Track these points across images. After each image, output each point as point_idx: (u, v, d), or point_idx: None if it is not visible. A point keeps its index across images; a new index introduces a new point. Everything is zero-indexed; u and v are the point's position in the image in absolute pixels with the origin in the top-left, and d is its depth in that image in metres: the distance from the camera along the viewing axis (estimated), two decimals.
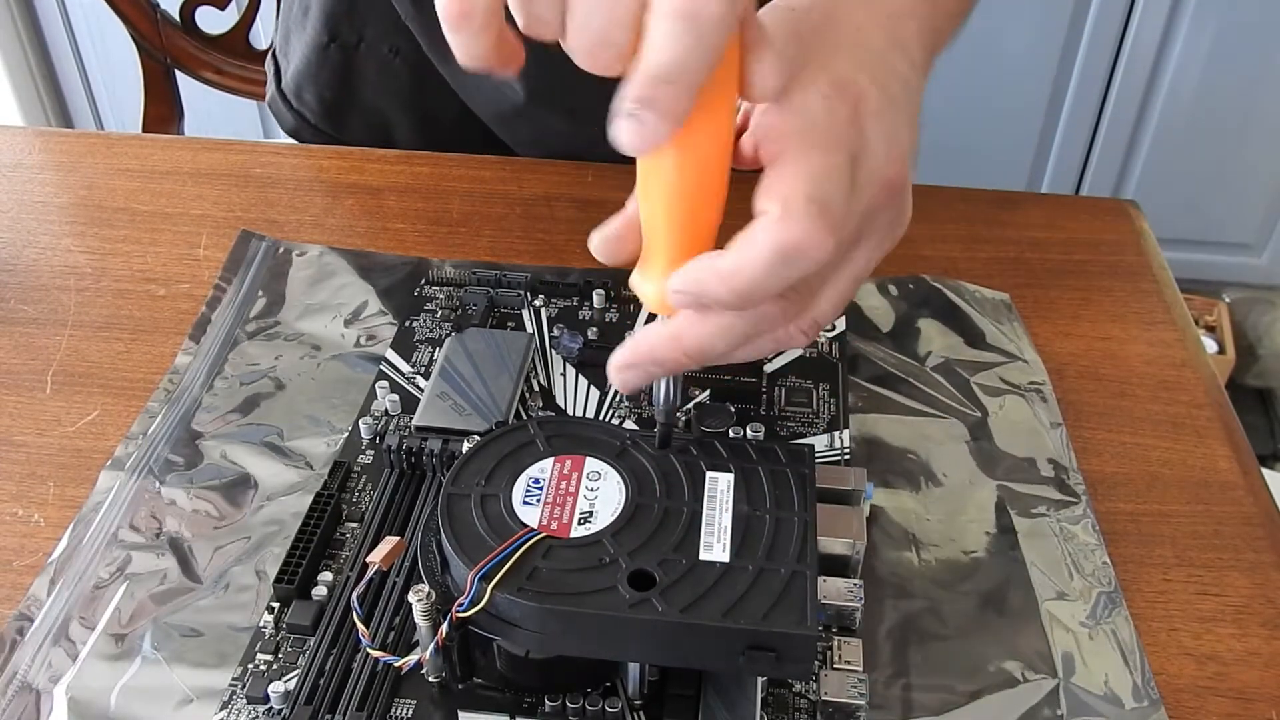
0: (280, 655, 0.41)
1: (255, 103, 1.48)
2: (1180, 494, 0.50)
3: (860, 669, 0.41)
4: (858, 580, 0.43)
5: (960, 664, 0.42)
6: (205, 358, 0.55)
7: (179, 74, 1.01)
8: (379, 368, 0.54)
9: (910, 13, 0.42)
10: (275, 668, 0.41)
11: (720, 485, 0.40)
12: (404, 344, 0.55)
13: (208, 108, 1.08)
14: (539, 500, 0.39)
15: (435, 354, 0.54)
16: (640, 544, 0.38)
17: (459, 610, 0.37)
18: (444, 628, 0.37)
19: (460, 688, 0.40)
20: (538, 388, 0.53)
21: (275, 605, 0.43)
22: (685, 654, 0.37)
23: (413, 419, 0.50)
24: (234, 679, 0.41)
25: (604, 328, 0.56)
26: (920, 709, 0.41)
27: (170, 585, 0.44)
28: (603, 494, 0.40)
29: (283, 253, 0.61)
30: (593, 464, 0.41)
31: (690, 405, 0.51)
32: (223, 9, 0.98)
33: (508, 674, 0.40)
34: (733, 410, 0.50)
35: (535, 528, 0.38)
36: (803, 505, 0.40)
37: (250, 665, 0.41)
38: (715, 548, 0.38)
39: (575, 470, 0.41)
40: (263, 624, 0.43)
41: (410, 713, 0.39)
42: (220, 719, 0.40)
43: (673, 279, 0.36)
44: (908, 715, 0.41)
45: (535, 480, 0.40)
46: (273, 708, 0.40)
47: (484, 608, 0.37)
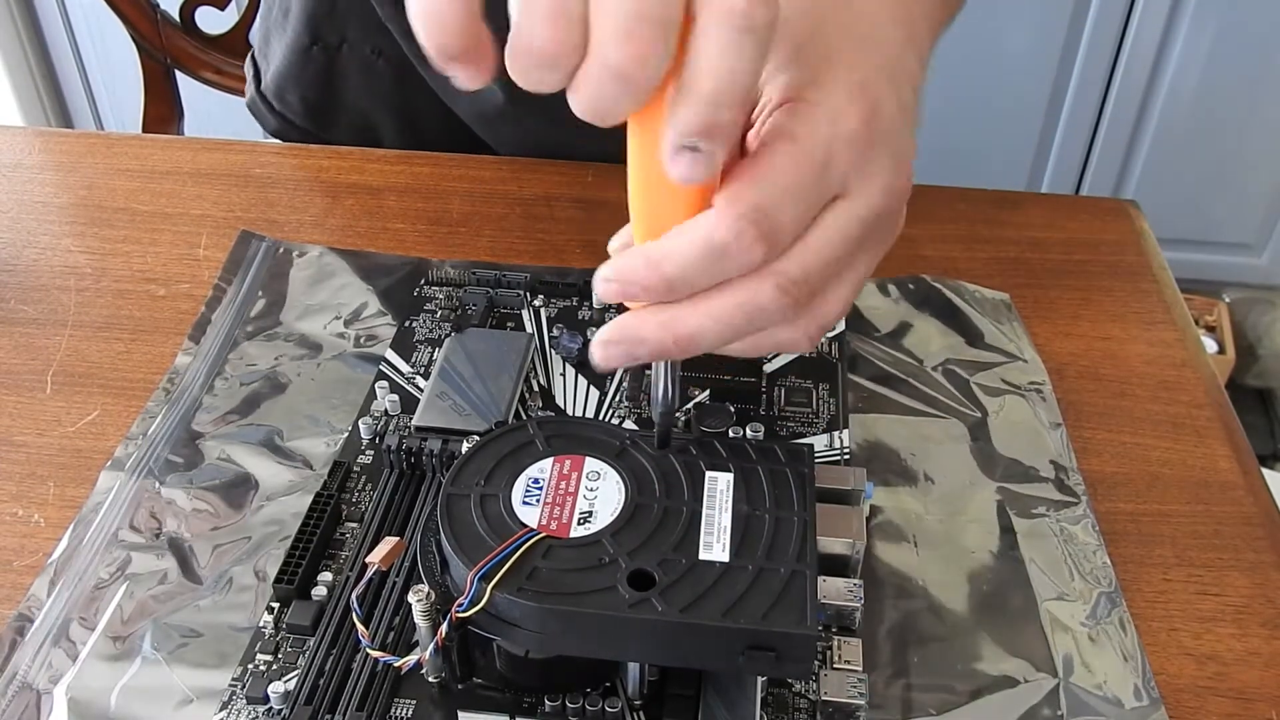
0: (280, 655, 0.41)
1: None
2: (1180, 494, 0.50)
3: (860, 669, 0.41)
4: (858, 580, 0.43)
5: (960, 664, 0.42)
6: (205, 358, 0.55)
7: (179, 74, 1.01)
8: (379, 368, 0.54)
9: (923, 11, 0.41)
10: (275, 668, 0.41)
11: (720, 485, 0.40)
12: (404, 344, 0.55)
13: (208, 108, 1.08)
14: (539, 500, 0.39)
15: (435, 354, 0.54)
16: (640, 544, 0.38)
17: (459, 610, 0.37)
18: (444, 628, 0.37)
19: (460, 688, 0.40)
20: (537, 388, 0.53)
21: (275, 605, 0.43)
22: (685, 654, 0.37)
23: (412, 419, 0.50)
24: (234, 679, 0.41)
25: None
26: (920, 709, 0.41)
27: (170, 585, 0.44)
28: (602, 494, 0.40)
29: (283, 253, 0.61)
30: (592, 464, 0.41)
31: (690, 405, 0.51)
32: (223, 9, 0.98)
33: (507, 674, 0.40)
34: (732, 410, 0.50)
35: (535, 528, 0.38)
36: (802, 505, 0.40)
37: (250, 665, 0.41)
38: (715, 547, 0.38)
39: (575, 470, 0.41)
40: (263, 624, 0.43)
41: (410, 713, 0.39)
42: (220, 719, 0.40)
43: (602, 268, 0.35)
44: (908, 715, 0.41)
45: (535, 480, 0.40)
46: (273, 708, 0.40)
47: (484, 608, 0.37)
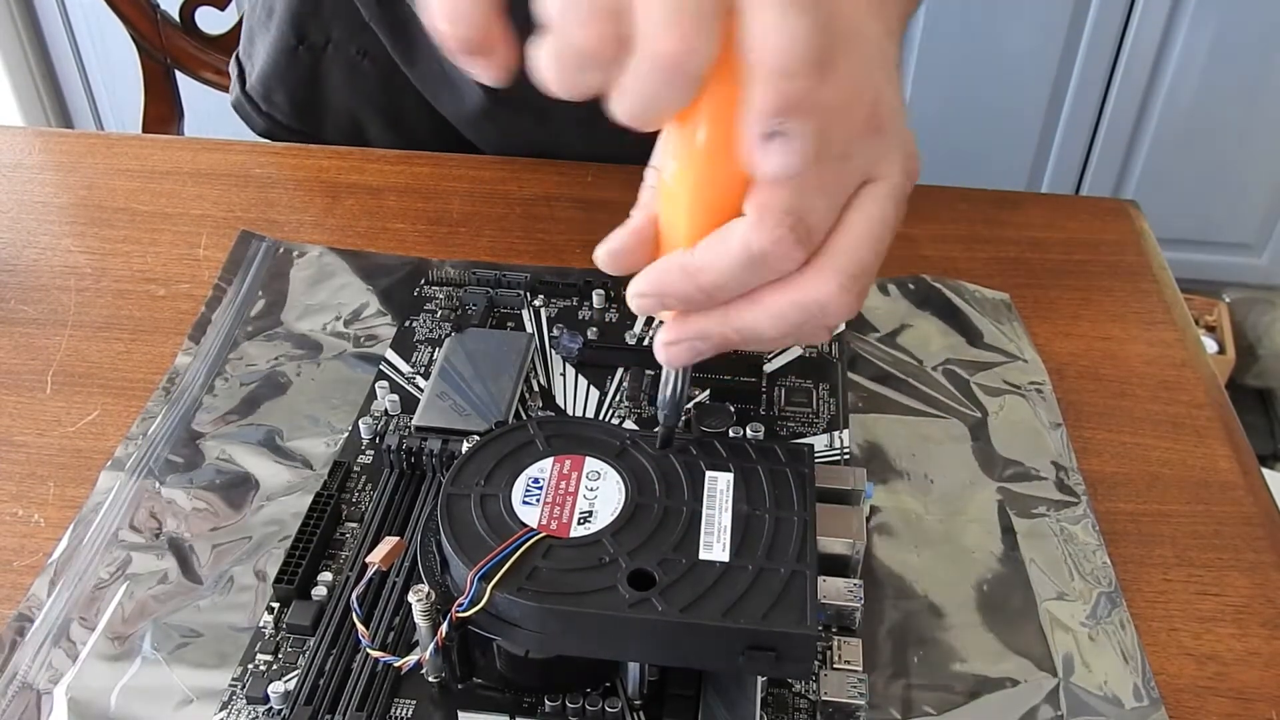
0: (280, 655, 0.41)
1: None
2: (1180, 494, 0.50)
3: (860, 669, 0.41)
4: (857, 580, 0.43)
5: (960, 664, 0.42)
6: (205, 358, 0.55)
7: (179, 74, 1.01)
8: (379, 368, 0.54)
9: (894, 2, 0.41)
10: (275, 668, 0.41)
11: (720, 485, 0.40)
12: (404, 344, 0.55)
13: (208, 108, 1.08)
14: (539, 500, 0.39)
15: (435, 354, 0.54)
16: (640, 544, 0.38)
17: (459, 610, 0.37)
18: (444, 628, 0.37)
19: (460, 688, 0.40)
20: (537, 388, 0.53)
21: (275, 605, 0.43)
22: (685, 654, 0.37)
23: (413, 419, 0.50)
24: (234, 679, 0.41)
25: (604, 328, 0.56)
26: (920, 709, 0.41)
27: (170, 585, 0.44)
28: (602, 494, 0.40)
29: (283, 253, 0.61)
30: (592, 464, 0.41)
31: (690, 405, 0.51)
32: (223, 9, 0.98)
33: (508, 674, 0.40)
34: (733, 410, 0.50)
35: (535, 527, 0.38)
36: (802, 505, 0.40)
37: (250, 665, 0.41)
38: (715, 547, 0.38)
39: (575, 470, 0.41)
40: (263, 624, 0.43)
41: (410, 713, 0.39)
42: (220, 719, 0.40)
43: (634, 282, 0.35)
44: (908, 715, 0.41)
45: (535, 480, 0.40)
46: (273, 708, 0.40)
47: (484, 608, 0.37)
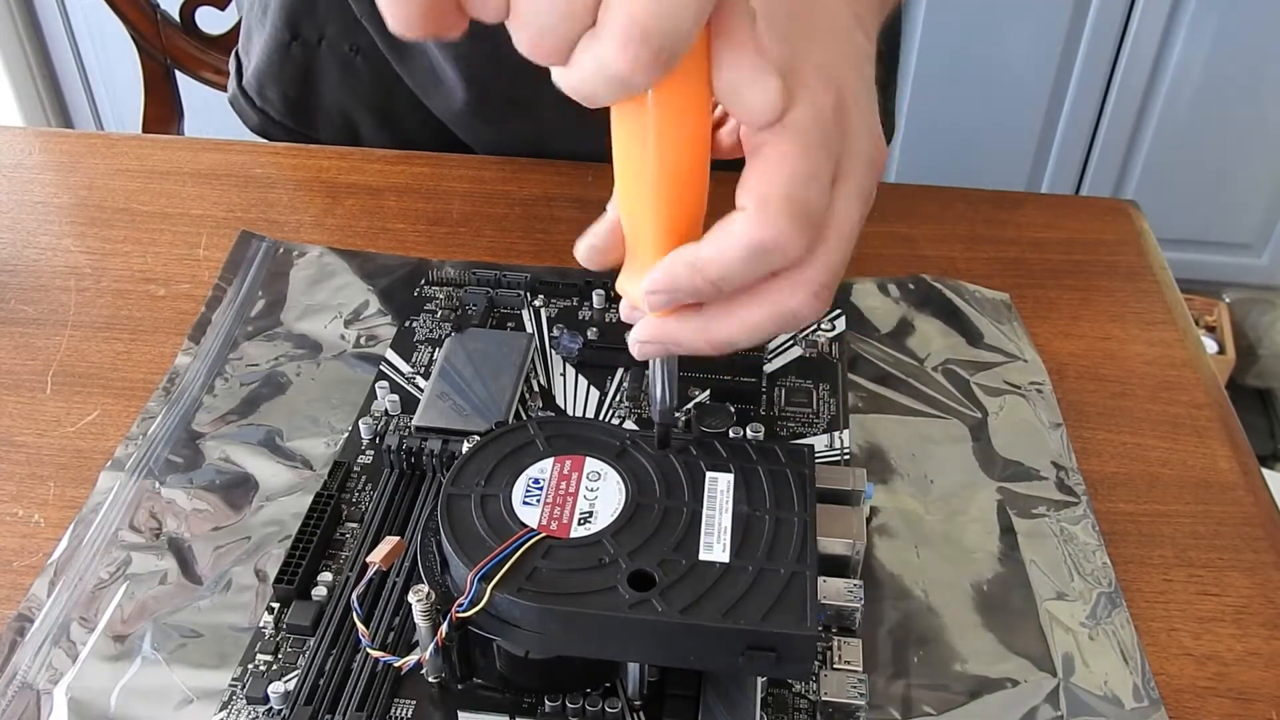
0: (280, 655, 0.41)
1: None
2: (1180, 494, 0.50)
3: (860, 669, 0.41)
4: (858, 580, 0.43)
5: (960, 664, 0.42)
6: (205, 358, 0.55)
7: (179, 74, 1.01)
8: (379, 368, 0.54)
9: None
10: (275, 668, 0.41)
11: (720, 485, 0.40)
12: (404, 344, 0.55)
13: (208, 108, 1.08)
14: (539, 500, 0.39)
15: (435, 354, 0.54)
16: (640, 544, 0.38)
17: (459, 610, 0.37)
18: (444, 628, 0.37)
19: (460, 688, 0.40)
20: (538, 388, 0.53)
21: (275, 605, 0.43)
22: (685, 654, 0.37)
23: (413, 419, 0.50)
24: (234, 679, 0.41)
25: (604, 328, 0.56)
26: (920, 709, 0.41)
27: (170, 585, 0.44)
28: (602, 494, 0.40)
29: (283, 253, 0.61)
30: (592, 464, 0.41)
31: (690, 405, 0.51)
32: (223, 9, 0.98)
33: (507, 674, 0.40)
34: (733, 410, 0.50)
35: (535, 528, 0.38)
36: (802, 505, 0.40)
37: (250, 666, 0.41)
38: (715, 548, 0.38)
39: (575, 470, 0.41)
40: (263, 624, 0.43)
41: (410, 713, 0.39)
42: (220, 719, 0.40)
43: (645, 281, 0.36)
44: (908, 715, 0.41)
45: (535, 480, 0.40)
46: (273, 708, 0.40)
47: (484, 608, 0.37)
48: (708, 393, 0.52)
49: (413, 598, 0.38)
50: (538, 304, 0.58)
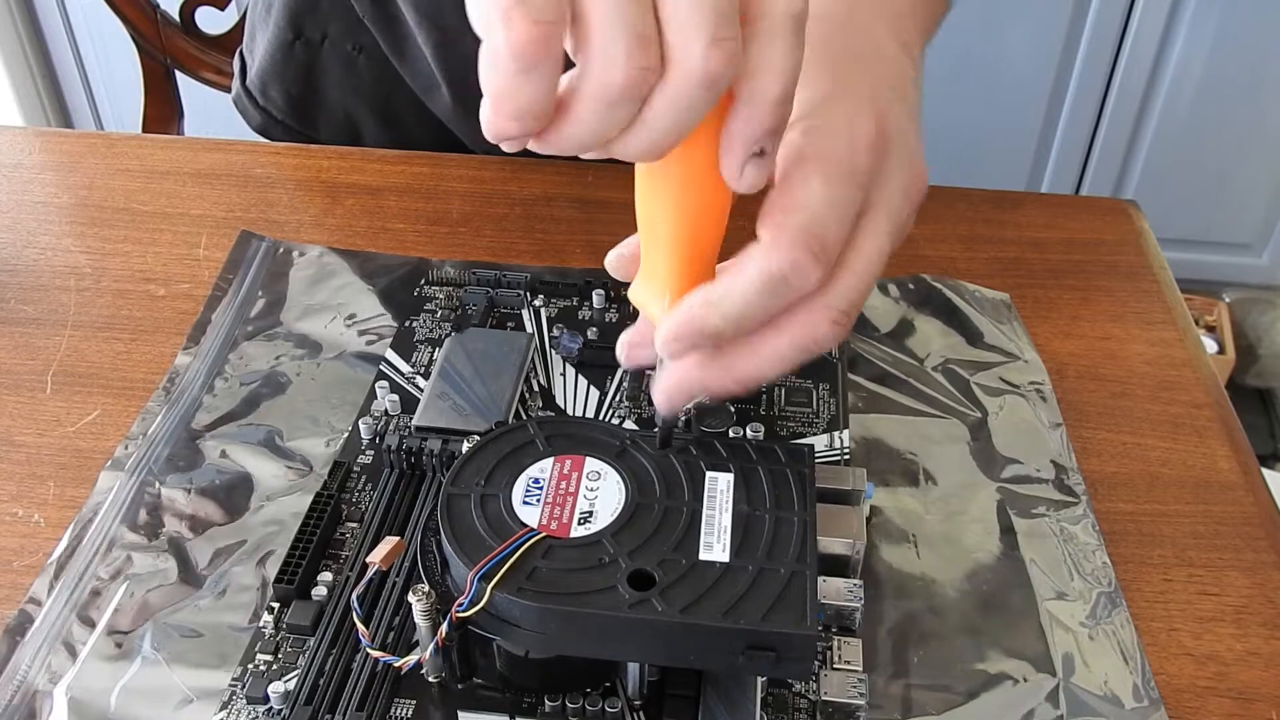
0: (280, 655, 0.41)
1: None
2: (1180, 494, 0.50)
3: (860, 669, 0.41)
4: (858, 580, 0.43)
5: (960, 664, 0.42)
6: (205, 358, 0.55)
7: (179, 74, 1.01)
8: (379, 368, 0.54)
9: (910, 12, 0.42)
10: (275, 668, 0.41)
11: (720, 485, 0.40)
12: (404, 344, 0.55)
13: (208, 108, 1.08)
14: (539, 500, 0.39)
15: (435, 354, 0.54)
16: (640, 544, 0.38)
17: (459, 610, 0.37)
18: (444, 628, 0.37)
19: (460, 688, 0.40)
20: (538, 388, 0.53)
21: (275, 605, 0.43)
22: (685, 654, 0.37)
23: (413, 419, 0.50)
24: (234, 679, 0.41)
25: (604, 328, 0.56)
26: (920, 709, 0.41)
27: (170, 585, 0.44)
28: (602, 494, 0.40)
29: (283, 253, 0.61)
30: (592, 464, 0.41)
31: (690, 405, 0.51)
32: (223, 9, 0.98)
33: (508, 674, 0.40)
34: (733, 410, 0.50)
35: (535, 527, 0.38)
36: (802, 505, 0.40)
37: (250, 665, 0.41)
38: (715, 548, 0.38)
39: (575, 470, 0.41)
40: (263, 624, 0.43)
41: (410, 713, 0.39)
42: (220, 719, 0.40)
43: (661, 331, 0.36)
44: (908, 715, 0.41)
45: (535, 480, 0.40)
46: (273, 708, 0.40)
47: (484, 608, 0.37)
48: None
49: (413, 598, 0.38)
50: (538, 304, 0.58)
